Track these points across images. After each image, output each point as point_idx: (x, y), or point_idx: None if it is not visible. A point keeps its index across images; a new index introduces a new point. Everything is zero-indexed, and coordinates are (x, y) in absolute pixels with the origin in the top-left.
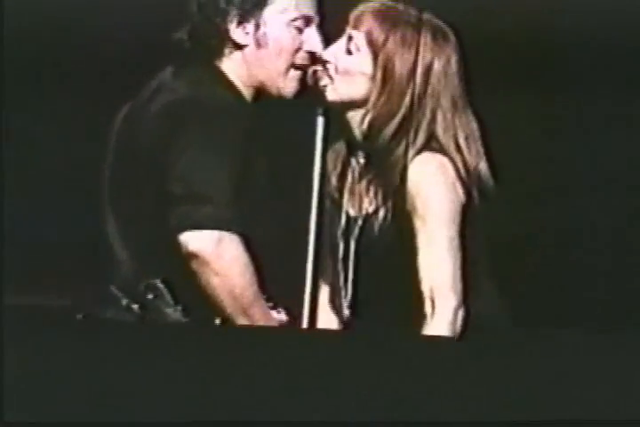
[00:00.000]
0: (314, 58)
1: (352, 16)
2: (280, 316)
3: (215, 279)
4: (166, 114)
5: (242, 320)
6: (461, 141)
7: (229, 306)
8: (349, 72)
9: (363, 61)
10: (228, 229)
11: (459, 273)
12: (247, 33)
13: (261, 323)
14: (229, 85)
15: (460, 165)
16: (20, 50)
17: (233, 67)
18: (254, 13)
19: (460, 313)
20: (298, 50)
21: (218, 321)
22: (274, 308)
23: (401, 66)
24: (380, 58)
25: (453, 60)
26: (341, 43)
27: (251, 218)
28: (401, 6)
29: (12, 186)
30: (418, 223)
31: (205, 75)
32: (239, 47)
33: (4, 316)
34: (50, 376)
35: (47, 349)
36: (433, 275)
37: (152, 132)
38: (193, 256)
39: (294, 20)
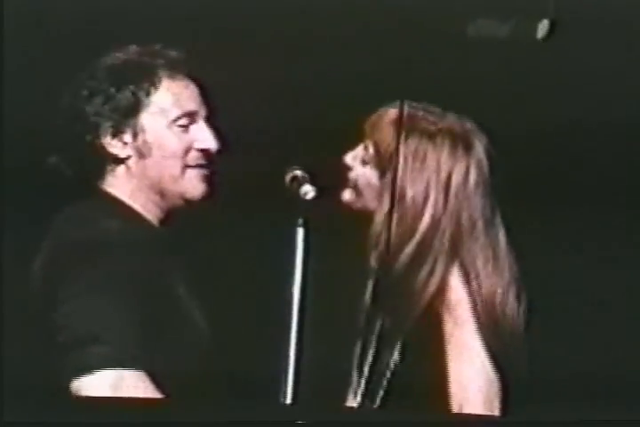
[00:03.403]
0: (208, 155)
1: (368, 123)
2: None
3: None
4: (49, 262)
5: None
6: (480, 267)
7: None
8: (361, 182)
9: (371, 174)
10: (126, 367)
11: (496, 386)
12: (125, 143)
13: None
14: (121, 211)
15: (476, 295)
16: None
17: (121, 186)
18: (129, 121)
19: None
20: (188, 150)
21: None
22: None
23: (412, 184)
24: (388, 174)
25: (473, 172)
26: (359, 150)
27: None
28: (420, 112)
29: None
30: (449, 326)
31: (90, 206)
32: (120, 161)
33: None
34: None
35: None
36: (464, 389)
37: (38, 287)
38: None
39: (176, 119)
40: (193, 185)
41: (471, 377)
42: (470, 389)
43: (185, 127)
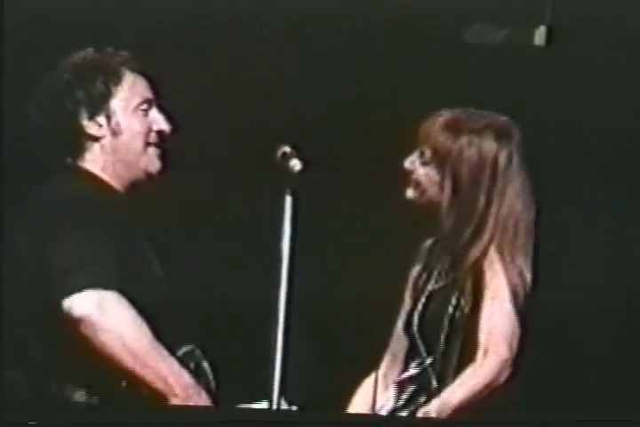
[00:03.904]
0: (162, 136)
1: (421, 131)
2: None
3: (106, 337)
4: (37, 217)
5: (146, 374)
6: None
7: (128, 361)
8: (425, 180)
9: (433, 172)
10: (106, 288)
11: (518, 331)
12: (101, 125)
13: (166, 373)
14: (92, 180)
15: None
16: None
17: (95, 160)
18: (102, 107)
19: (507, 370)
20: (149, 130)
21: (124, 383)
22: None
23: (468, 173)
24: (447, 169)
25: (516, 155)
26: (415, 155)
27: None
28: (464, 114)
29: None
30: (488, 275)
31: (69, 178)
32: (96, 139)
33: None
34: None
35: None
36: (493, 325)
37: (28, 236)
38: (79, 320)
39: (139, 104)
40: (152, 160)
41: (498, 324)
42: (496, 334)
43: (145, 111)
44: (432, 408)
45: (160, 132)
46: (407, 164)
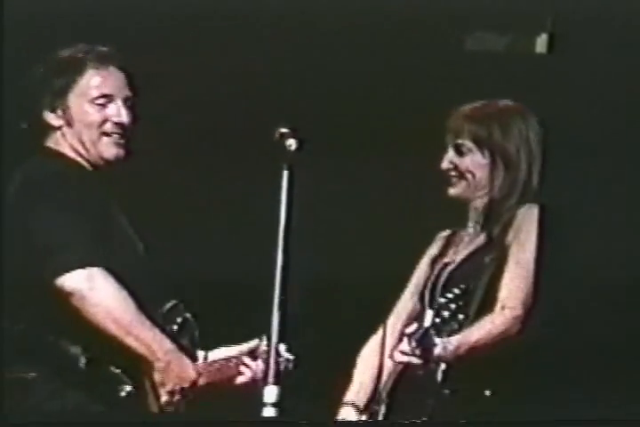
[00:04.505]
0: (122, 126)
1: (450, 128)
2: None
3: (94, 309)
4: (19, 196)
5: (131, 341)
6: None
7: (113, 328)
8: (473, 167)
9: (478, 156)
10: (93, 266)
11: (532, 293)
12: (58, 116)
13: (148, 340)
14: (61, 160)
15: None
16: None
17: (59, 143)
18: (60, 100)
19: (518, 325)
20: (105, 121)
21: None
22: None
23: (506, 147)
24: (493, 150)
25: (540, 132)
26: (449, 154)
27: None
28: (481, 104)
29: None
30: (513, 249)
31: (41, 157)
32: (55, 129)
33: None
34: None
35: None
36: (514, 286)
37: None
38: (70, 295)
39: (95, 99)
40: (108, 149)
41: (518, 285)
42: (514, 293)
43: (102, 105)
44: (452, 341)
45: (119, 124)
46: (445, 164)
